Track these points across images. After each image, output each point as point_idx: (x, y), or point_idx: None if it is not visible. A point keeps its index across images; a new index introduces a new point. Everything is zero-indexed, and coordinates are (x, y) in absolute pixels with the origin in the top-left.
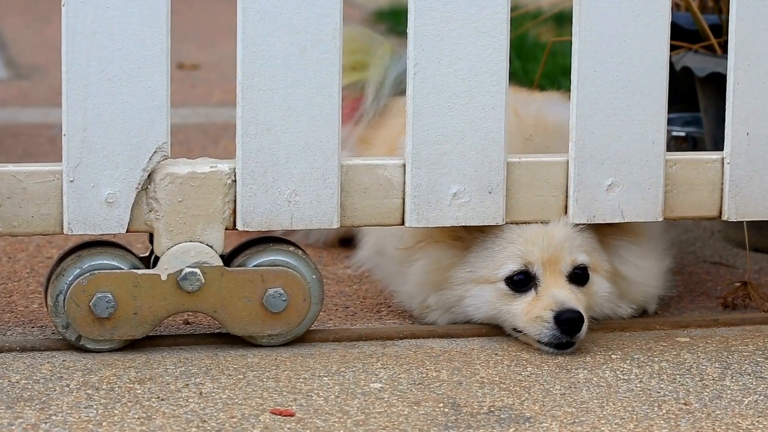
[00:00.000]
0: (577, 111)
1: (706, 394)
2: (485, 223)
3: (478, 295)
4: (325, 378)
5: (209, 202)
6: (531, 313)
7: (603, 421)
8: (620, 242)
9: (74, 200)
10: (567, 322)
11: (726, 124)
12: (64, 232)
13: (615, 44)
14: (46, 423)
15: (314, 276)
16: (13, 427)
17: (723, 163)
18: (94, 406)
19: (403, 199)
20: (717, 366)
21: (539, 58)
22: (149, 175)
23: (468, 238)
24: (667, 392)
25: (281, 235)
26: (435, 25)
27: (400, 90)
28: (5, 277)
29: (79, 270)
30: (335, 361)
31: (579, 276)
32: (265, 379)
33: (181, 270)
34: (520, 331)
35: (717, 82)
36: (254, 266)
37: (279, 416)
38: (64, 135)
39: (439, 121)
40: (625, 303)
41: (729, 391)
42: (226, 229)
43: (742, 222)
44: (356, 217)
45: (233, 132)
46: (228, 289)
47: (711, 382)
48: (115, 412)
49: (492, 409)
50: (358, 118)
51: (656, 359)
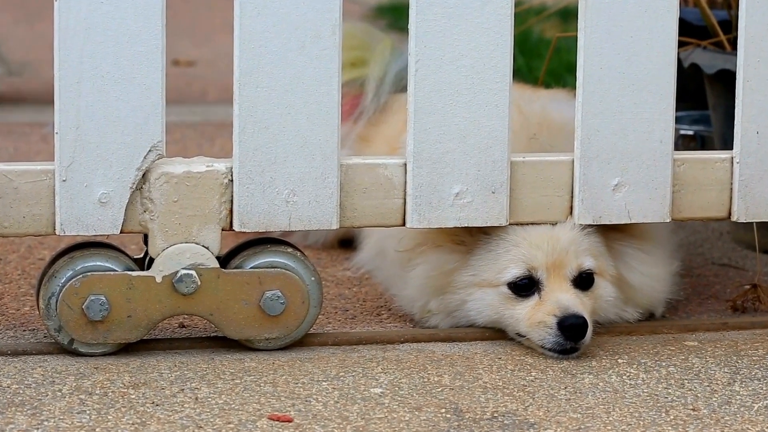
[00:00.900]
0: (582, 109)
1: (714, 399)
2: (488, 224)
3: (480, 299)
4: (324, 383)
5: (205, 202)
6: (534, 318)
7: (609, 428)
8: (626, 248)
9: (67, 200)
10: (570, 328)
11: (735, 122)
12: (57, 232)
13: (622, 40)
14: (37, 429)
15: (313, 278)
16: None
17: (732, 163)
18: (87, 412)
19: (404, 199)
20: (726, 371)
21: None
22: (144, 175)
23: (470, 241)
24: (674, 398)
25: (279, 236)
26: (437, 21)
27: (400, 87)
28: None
29: (71, 272)
30: (334, 366)
31: (584, 280)
32: (262, 384)
33: (177, 272)
34: (524, 336)
35: (726, 80)
36: (251, 268)
37: (277, 422)
38: (57, 133)
39: (441, 119)
40: (631, 307)
41: (738, 397)
42: (222, 229)
43: (751, 223)
44: (356, 217)
45: (230, 130)
46: (224, 292)
47: (720, 387)
48: (109, 417)
49: (495, 415)
50: (357, 115)
51: (664, 364)
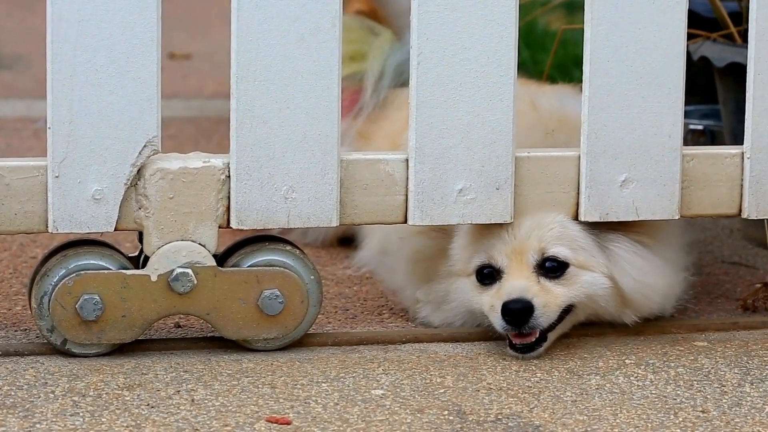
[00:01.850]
0: (589, 103)
1: (724, 401)
2: (493, 221)
3: (459, 288)
4: (323, 384)
5: (202, 198)
6: (489, 303)
7: (616, 430)
8: (623, 251)
9: (60, 197)
10: (510, 312)
11: (746, 116)
12: (49, 230)
13: (629, 32)
14: (29, 431)
15: (312, 277)
16: None
17: (743, 158)
18: (81, 414)
19: (406, 195)
20: (736, 371)
21: (549, 48)
22: (139, 171)
23: (449, 229)
24: (683, 399)
25: (277, 234)
26: (439, 13)
27: (400, 81)
28: None
29: (64, 270)
30: (334, 367)
31: (553, 268)
32: (260, 386)
33: (173, 270)
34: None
35: (736, 73)
36: (249, 266)
37: (275, 424)
38: (49, 128)
39: (443, 113)
40: (629, 311)
41: (749, 398)
42: (219, 227)
43: (762, 220)
44: (357, 214)
45: (227, 125)
46: (221, 291)
47: (730, 388)
48: (103, 420)
49: (499, 417)
50: (357, 111)
51: (672, 364)
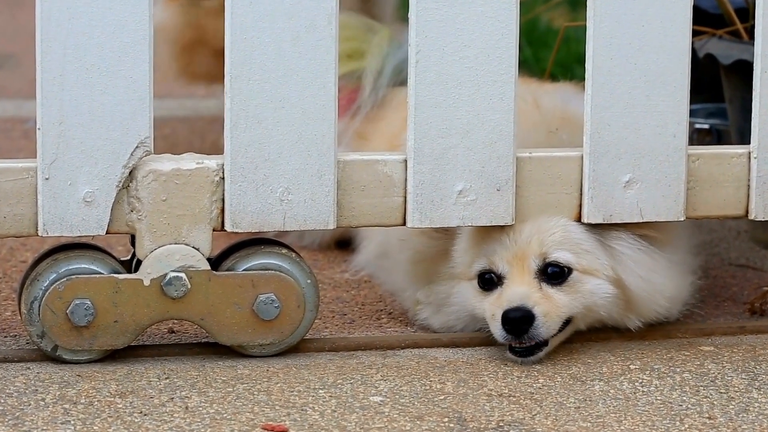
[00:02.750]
0: (592, 102)
1: (731, 407)
2: (493, 223)
3: (460, 292)
4: (320, 391)
5: (195, 201)
6: (490, 311)
7: None
8: (628, 250)
9: (50, 199)
10: (510, 321)
11: (753, 115)
12: (39, 233)
13: (633, 29)
14: None
15: (309, 281)
16: None
17: (749, 158)
18: (72, 422)
19: (405, 197)
20: (743, 377)
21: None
22: (131, 172)
23: (451, 230)
24: (689, 405)
25: (273, 237)
26: (438, 10)
27: (399, 80)
28: None
29: (55, 275)
30: (332, 373)
31: (555, 274)
32: (256, 392)
33: (166, 274)
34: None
35: (743, 71)
36: (244, 270)
37: None
38: (39, 129)
39: (443, 113)
40: (634, 316)
41: (756, 404)
42: (213, 230)
43: None
44: (354, 217)
45: (221, 126)
46: (216, 295)
47: (737, 394)
48: (95, 428)
49: (501, 424)
50: (354, 111)
51: (678, 370)
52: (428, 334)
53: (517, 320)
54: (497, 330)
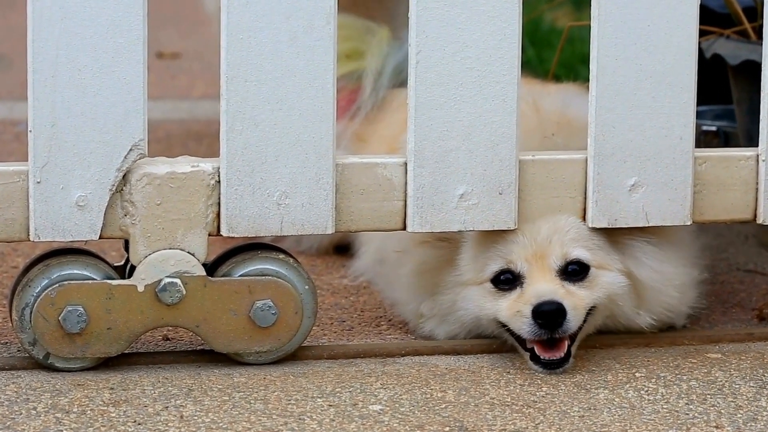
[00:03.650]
0: (596, 103)
1: (739, 416)
2: (496, 228)
3: (467, 297)
4: (318, 399)
5: (191, 205)
6: (513, 308)
7: None
8: (636, 242)
9: (42, 203)
10: (543, 315)
11: (761, 117)
12: (31, 238)
13: (638, 29)
14: None
15: (307, 287)
16: None
17: (758, 161)
18: (64, 431)
19: (405, 201)
20: (752, 385)
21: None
22: (124, 176)
23: (455, 238)
24: (696, 414)
25: (270, 242)
26: (439, 9)
27: (399, 81)
28: None
29: (47, 281)
30: (330, 381)
31: (575, 271)
32: (252, 401)
33: (160, 280)
34: (505, 326)
35: (751, 71)
36: (240, 276)
37: None
38: (30, 131)
39: (444, 115)
40: (644, 312)
41: (765, 413)
42: (209, 235)
43: None
44: (353, 221)
45: (217, 128)
46: (211, 302)
47: (745, 402)
48: None
49: None
50: (354, 112)
51: (685, 377)
52: (429, 342)
53: (552, 313)
54: (525, 326)
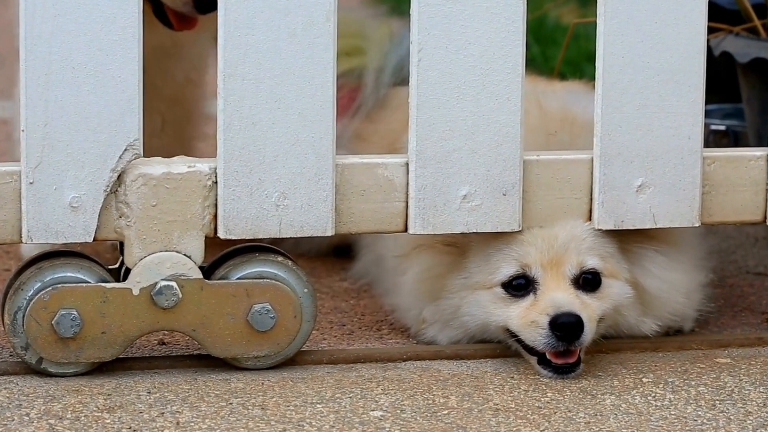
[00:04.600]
0: (602, 102)
1: (749, 422)
2: (499, 230)
3: (474, 302)
4: (318, 405)
5: (187, 206)
6: (527, 317)
7: None
8: (643, 250)
9: (34, 205)
10: (562, 327)
11: None
12: (23, 240)
13: (645, 26)
14: None
15: (306, 290)
16: None
17: None
18: None
19: (407, 202)
20: (762, 390)
21: (560, 43)
22: (119, 176)
23: (463, 242)
24: (705, 420)
25: (268, 244)
26: (442, 6)
27: (400, 79)
28: None
29: (40, 284)
30: (330, 386)
31: (589, 281)
32: (250, 407)
33: (156, 283)
34: (515, 336)
35: (761, 69)
36: (238, 279)
37: None
38: (23, 131)
39: (446, 114)
40: (650, 319)
41: None
42: (206, 236)
43: None
44: (353, 222)
45: (214, 127)
46: (208, 305)
47: (755, 408)
48: None
49: None
50: (354, 110)
51: (693, 383)
52: (431, 347)
53: (572, 326)
54: (541, 338)
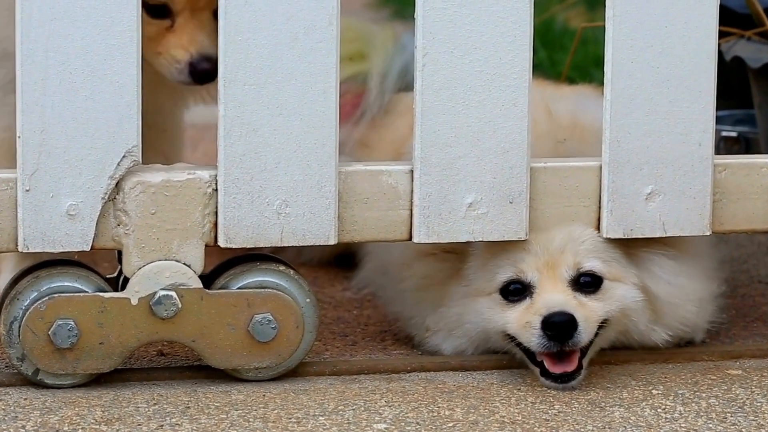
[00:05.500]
0: (611, 108)
1: None
2: (506, 238)
3: (475, 309)
4: (320, 418)
5: (186, 214)
6: (522, 319)
7: None
8: (652, 255)
9: (31, 212)
10: (554, 326)
11: None
12: (19, 249)
13: (655, 30)
14: None
15: (308, 300)
16: None
17: None
18: None
19: (411, 210)
20: None
21: (568, 47)
22: (117, 184)
23: (462, 249)
24: None
25: (270, 253)
26: (447, 9)
27: (404, 84)
28: None
29: (36, 293)
30: (332, 398)
31: (589, 283)
32: (251, 420)
33: (155, 293)
34: (514, 339)
35: None
36: (239, 288)
37: None
38: (19, 137)
39: (451, 120)
40: (660, 327)
41: None
42: (206, 245)
43: None
44: (356, 231)
45: (214, 134)
46: (208, 315)
47: (767, 421)
48: None
49: None
50: (358, 117)
51: (704, 395)
52: (436, 357)
53: (563, 324)
54: (534, 338)
